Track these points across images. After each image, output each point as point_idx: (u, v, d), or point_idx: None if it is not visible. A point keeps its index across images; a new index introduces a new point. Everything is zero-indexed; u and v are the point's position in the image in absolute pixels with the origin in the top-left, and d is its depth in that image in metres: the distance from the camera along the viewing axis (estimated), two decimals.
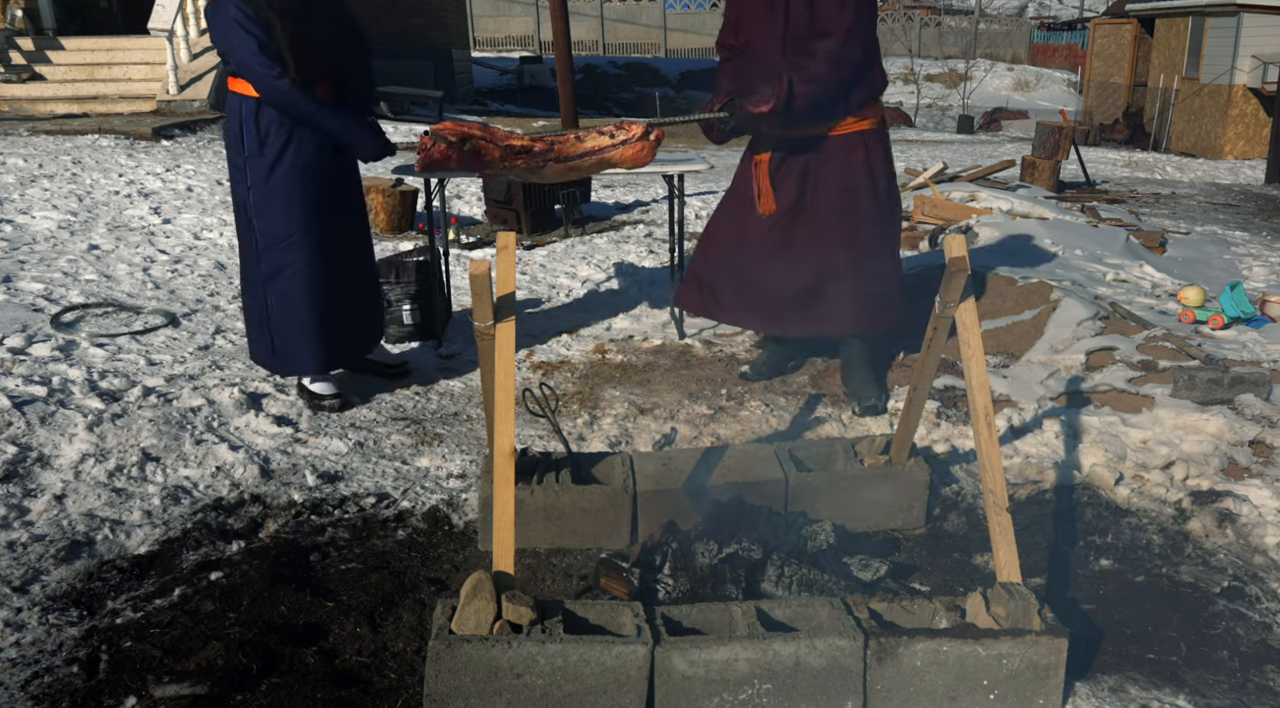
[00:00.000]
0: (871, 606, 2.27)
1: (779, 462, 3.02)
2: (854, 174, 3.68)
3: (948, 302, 2.45)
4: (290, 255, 3.58)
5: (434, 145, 2.86)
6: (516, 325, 2.33)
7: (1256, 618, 2.56)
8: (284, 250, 3.57)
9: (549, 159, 2.97)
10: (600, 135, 3.02)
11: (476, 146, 2.89)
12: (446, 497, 3.17)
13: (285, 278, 3.59)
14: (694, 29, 31.31)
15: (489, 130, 2.96)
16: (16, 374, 3.76)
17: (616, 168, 3.10)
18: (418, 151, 2.92)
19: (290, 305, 3.62)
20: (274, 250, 3.57)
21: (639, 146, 3.05)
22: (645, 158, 3.09)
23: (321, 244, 3.60)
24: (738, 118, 3.52)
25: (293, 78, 3.39)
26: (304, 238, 3.57)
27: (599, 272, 6.14)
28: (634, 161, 3.08)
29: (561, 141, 2.97)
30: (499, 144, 2.91)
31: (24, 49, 11.79)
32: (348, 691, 2.21)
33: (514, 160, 2.93)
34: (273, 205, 3.54)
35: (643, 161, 3.10)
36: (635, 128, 3.05)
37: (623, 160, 3.06)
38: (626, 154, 3.04)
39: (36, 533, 2.80)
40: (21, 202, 6.74)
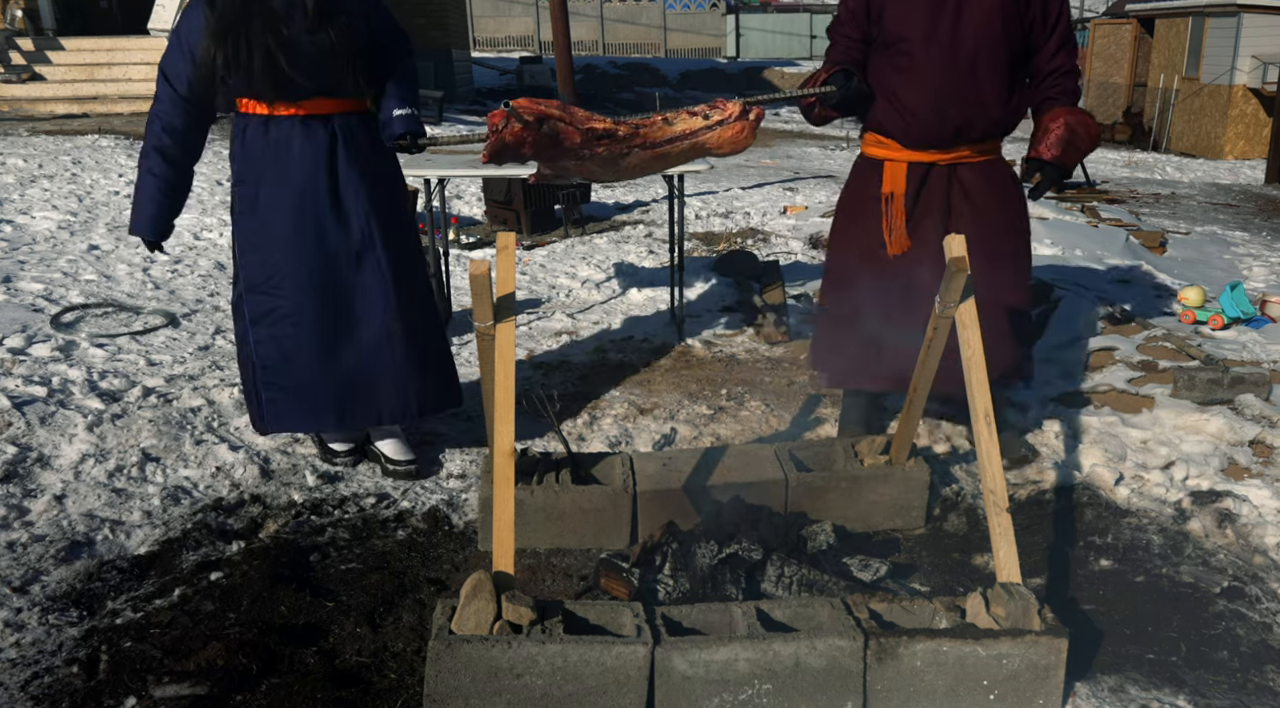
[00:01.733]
0: (871, 606, 2.27)
1: (779, 462, 3.02)
2: (1003, 205, 3.18)
3: (948, 302, 2.45)
4: (274, 301, 3.05)
5: (507, 125, 2.40)
6: (516, 325, 2.33)
7: (1256, 618, 2.56)
8: (268, 294, 3.05)
9: (634, 145, 2.57)
10: (691, 116, 2.64)
11: (555, 129, 2.45)
12: (446, 497, 3.17)
13: (268, 325, 3.06)
14: (694, 29, 31.30)
15: (568, 110, 2.52)
16: (16, 374, 3.76)
17: (711, 154, 2.73)
18: (488, 134, 2.45)
19: (279, 354, 3.09)
20: (257, 293, 3.07)
21: (739, 127, 2.65)
22: (745, 140, 2.68)
23: (316, 288, 3.03)
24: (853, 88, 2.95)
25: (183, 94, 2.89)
26: (298, 278, 3.02)
27: (599, 272, 6.14)
28: (733, 145, 2.67)
29: (648, 125, 2.58)
30: (579, 127, 2.48)
31: (24, 49, 11.78)
32: (348, 691, 2.21)
33: (595, 147, 2.52)
34: (257, 241, 3.04)
35: (742, 145, 2.68)
36: (731, 106, 2.65)
37: (720, 144, 2.66)
38: (725, 136, 2.64)
39: (36, 533, 2.80)
40: (21, 202, 6.74)
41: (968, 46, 2.98)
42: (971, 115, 3.03)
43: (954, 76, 2.99)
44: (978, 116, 3.04)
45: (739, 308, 5.38)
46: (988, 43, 2.98)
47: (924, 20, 3.00)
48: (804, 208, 8.86)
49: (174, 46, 2.89)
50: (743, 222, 8.27)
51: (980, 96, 3.01)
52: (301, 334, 3.05)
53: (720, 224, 8.14)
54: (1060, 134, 2.99)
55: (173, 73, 2.89)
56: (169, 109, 2.92)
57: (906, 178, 3.14)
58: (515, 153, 2.47)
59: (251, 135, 2.96)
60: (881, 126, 3.14)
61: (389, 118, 3.03)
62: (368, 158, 3.07)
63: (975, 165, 3.14)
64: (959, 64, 2.99)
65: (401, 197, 3.24)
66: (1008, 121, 3.11)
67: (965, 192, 3.14)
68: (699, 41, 31.16)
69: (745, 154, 13.95)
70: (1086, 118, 3.03)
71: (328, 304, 3.05)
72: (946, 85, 3.00)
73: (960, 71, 2.99)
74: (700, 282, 5.80)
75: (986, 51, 2.98)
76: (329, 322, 3.06)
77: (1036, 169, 3.07)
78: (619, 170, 2.65)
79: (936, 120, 3.04)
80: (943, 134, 3.06)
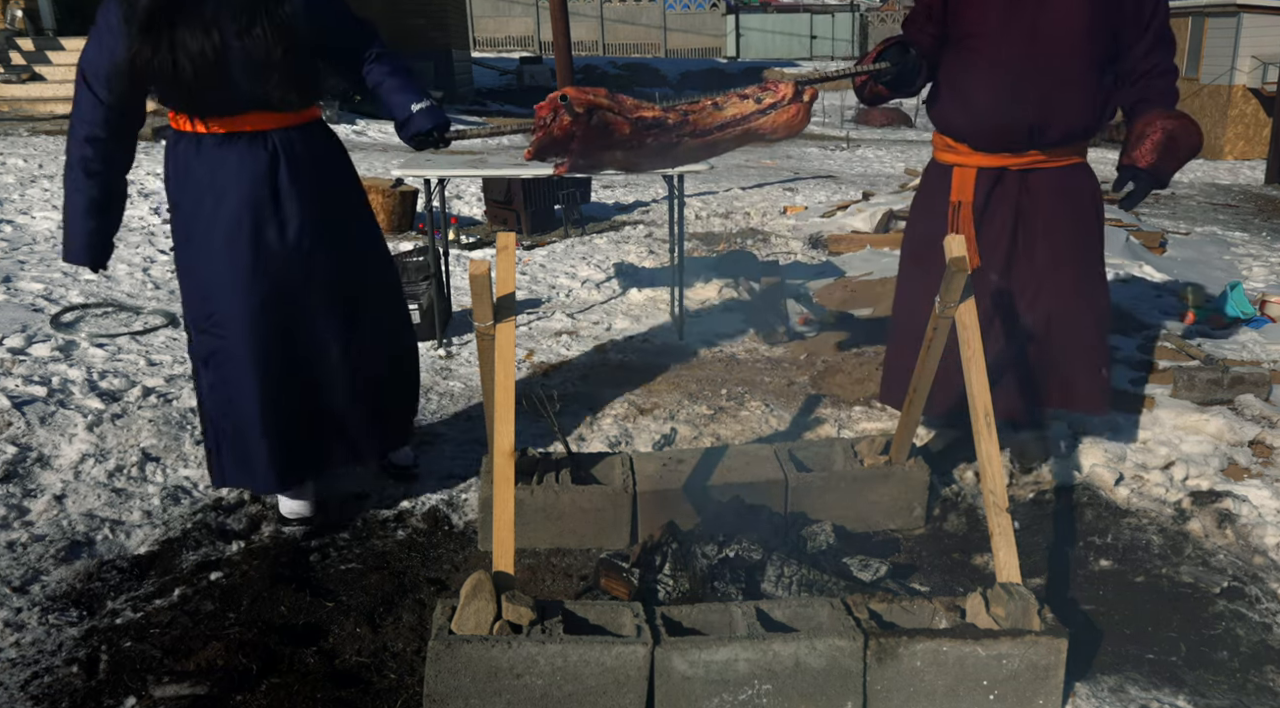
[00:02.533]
0: (871, 606, 2.27)
1: (779, 462, 3.02)
2: (1079, 216, 2.94)
3: (948, 302, 2.45)
4: (216, 342, 2.69)
5: (555, 118, 2.26)
6: (516, 325, 2.33)
7: (1256, 618, 2.56)
8: (212, 331, 2.70)
9: (684, 134, 2.42)
10: (742, 99, 2.47)
11: (604, 120, 2.31)
12: (446, 497, 3.17)
13: (215, 367, 2.72)
14: (694, 29, 31.31)
15: (617, 99, 2.35)
16: (16, 374, 3.76)
17: (764, 139, 2.55)
18: (534, 128, 2.30)
19: (225, 400, 2.75)
20: (200, 333, 2.73)
21: (793, 111, 2.48)
22: (799, 124, 2.51)
23: (261, 328, 2.67)
24: (910, 62, 2.74)
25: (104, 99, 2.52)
26: (240, 315, 2.65)
27: (599, 272, 6.14)
28: (787, 129, 2.51)
29: (696, 111, 2.44)
30: (629, 117, 2.34)
31: (24, 49, 11.78)
32: (348, 691, 2.21)
33: (644, 137, 2.37)
34: (194, 276, 2.70)
35: (796, 129, 2.52)
36: (784, 88, 2.48)
37: (774, 128, 2.50)
38: (779, 121, 2.49)
39: (36, 533, 2.80)
40: (21, 202, 6.74)
41: (1047, 39, 2.74)
42: (1048, 115, 2.80)
43: (1030, 72, 2.76)
44: (1055, 117, 2.81)
45: (739, 308, 5.38)
46: (1071, 36, 2.74)
47: (1001, 9, 2.78)
48: (804, 208, 8.86)
49: (93, 42, 2.51)
50: (743, 222, 8.27)
51: (1059, 95, 2.78)
52: (247, 379, 2.69)
53: (720, 224, 8.14)
54: (1158, 139, 2.73)
55: (92, 73, 2.52)
56: (89, 115, 2.55)
57: (975, 185, 2.91)
58: (562, 148, 2.32)
59: (183, 155, 2.63)
60: (949, 126, 2.96)
61: (407, 114, 2.74)
62: (314, 177, 2.71)
63: (1052, 171, 2.89)
64: (1036, 58, 2.75)
65: (361, 213, 2.91)
66: (1090, 124, 2.85)
67: (1038, 199, 2.90)
68: (699, 41, 31.16)
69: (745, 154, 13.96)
70: (1187, 122, 2.75)
71: (274, 346, 2.69)
72: (1021, 81, 2.77)
73: (1038, 66, 2.76)
74: (700, 282, 5.80)
75: (1069, 46, 2.75)
76: (277, 365, 2.70)
77: (1129, 177, 2.82)
78: (666, 160, 2.53)
79: (1008, 119, 2.82)
80: (1015, 135, 2.84)
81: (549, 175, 5.29)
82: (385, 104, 2.78)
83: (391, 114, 2.78)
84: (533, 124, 2.31)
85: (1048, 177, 2.89)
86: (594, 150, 2.35)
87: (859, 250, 6.98)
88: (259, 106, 2.57)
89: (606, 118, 2.30)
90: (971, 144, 2.91)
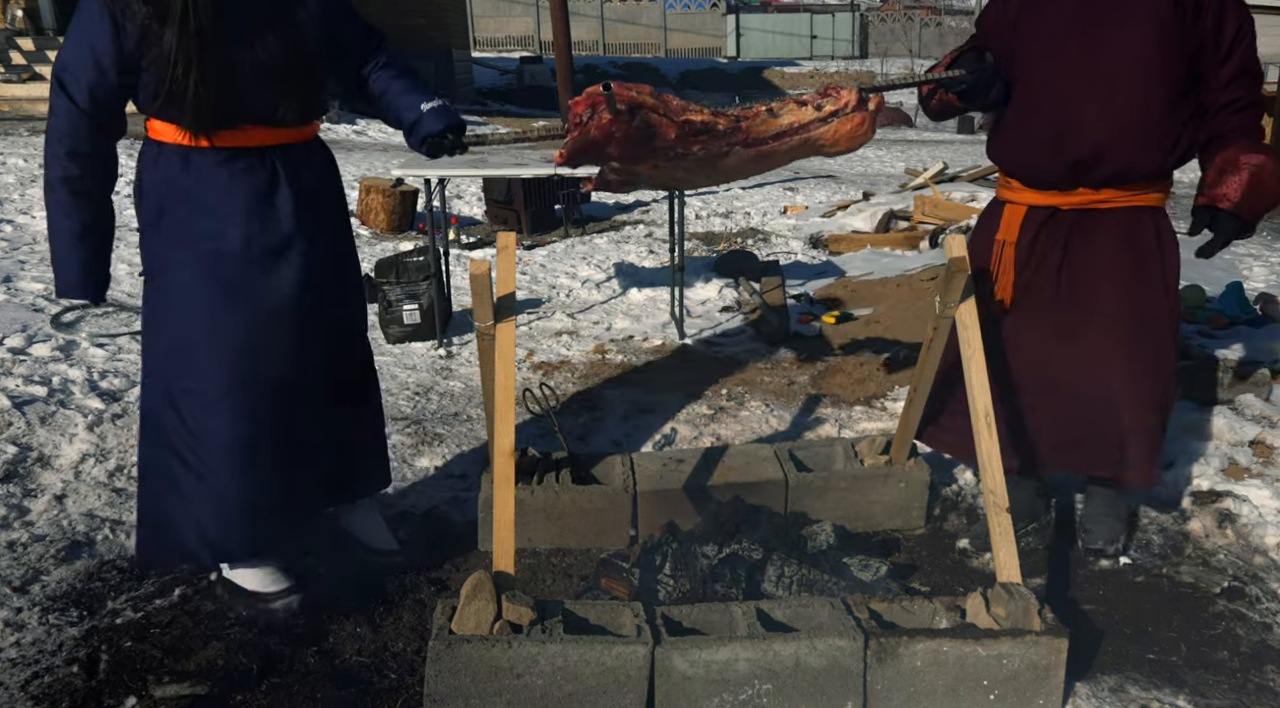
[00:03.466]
0: (871, 606, 2.27)
1: (779, 462, 3.02)
2: (1139, 266, 2.63)
3: (948, 302, 2.45)
4: (181, 389, 2.35)
5: (593, 116, 2.00)
6: (516, 325, 2.33)
7: (1256, 618, 2.56)
8: (171, 381, 2.36)
9: (735, 143, 2.18)
10: (800, 107, 2.23)
11: (648, 121, 2.05)
12: (447, 496, 3.17)
13: (170, 421, 2.37)
14: (694, 29, 31.32)
15: (663, 99, 2.09)
16: (16, 374, 3.76)
17: (823, 151, 2.32)
18: (568, 127, 2.05)
19: (190, 459, 2.37)
20: (156, 378, 2.40)
21: (857, 120, 2.25)
22: (863, 135, 2.28)
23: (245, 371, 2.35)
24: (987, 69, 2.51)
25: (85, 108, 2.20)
26: (210, 359, 2.33)
27: (599, 272, 6.14)
28: (850, 141, 2.28)
29: (750, 117, 2.18)
30: (675, 119, 2.08)
31: (24, 49, 11.78)
32: (348, 691, 2.21)
33: (691, 144, 2.12)
34: (165, 316, 2.36)
35: (860, 141, 2.29)
36: (847, 94, 2.24)
37: (835, 140, 2.27)
38: (842, 131, 2.25)
39: (37, 533, 2.80)
40: (22, 202, 6.74)
41: (1106, 67, 2.47)
42: (1100, 151, 2.50)
43: (1082, 102, 2.50)
44: (1108, 153, 2.50)
45: (739, 308, 5.38)
46: (1134, 64, 2.45)
47: (1058, 32, 2.53)
48: (804, 208, 8.87)
49: (72, 44, 2.20)
50: (743, 221, 8.28)
51: (1116, 129, 2.48)
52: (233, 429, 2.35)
53: (720, 224, 8.14)
54: (1244, 180, 2.43)
55: (71, 78, 2.19)
56: (71, 127, 2.22)
57: (1022, 224, 2.67)
58: (598, 152, 2.06)
59: (165, 169, 2.30)
60: (997, 158, 2.74)
61: (416, 116, 2.46)
62: (314, 202, 2.44)
63: (1111, 213, 2.60)
64: (1093, 88, 2.48)
65: (350, 242, 2.65)
66: (1153, 162, 2.53)
67: (1091, 243, 2.62)
68: (699, 41, 31.17)
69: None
70: (1275, 159, 2.45)
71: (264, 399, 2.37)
72: (1070, 112, 2.51)
73: (1093, 97, 2.48)
74: (700, 282, 5.80)
75: (1131, 75, 2.46)
76: (266, 419, 2.38)
77: (1208, 220, 2.51)
78: (713, 173, 2.27)
79: (1051, 154, 2.56)
80: (1057, 171, 2.58)
81: (549, 175, 5.29)
82: (392, 108, 2.51)
83: (399, 118, 2.51)
84: (566, 124, 2.07)
85: (1105, 219, 2.60)
86: (633, 157, 2.10)
87: (859, 250, 6.98)
88: (261, 121, 2.31)
89: (650, 118, 2.04)
90: (1021, 180, 2.69)
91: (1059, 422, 2.70)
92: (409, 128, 2.50)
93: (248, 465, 2.37)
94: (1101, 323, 2.61)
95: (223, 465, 2.36)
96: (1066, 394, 2.67)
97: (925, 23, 31.45)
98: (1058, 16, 2.53)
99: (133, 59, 2.18)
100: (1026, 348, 2.71)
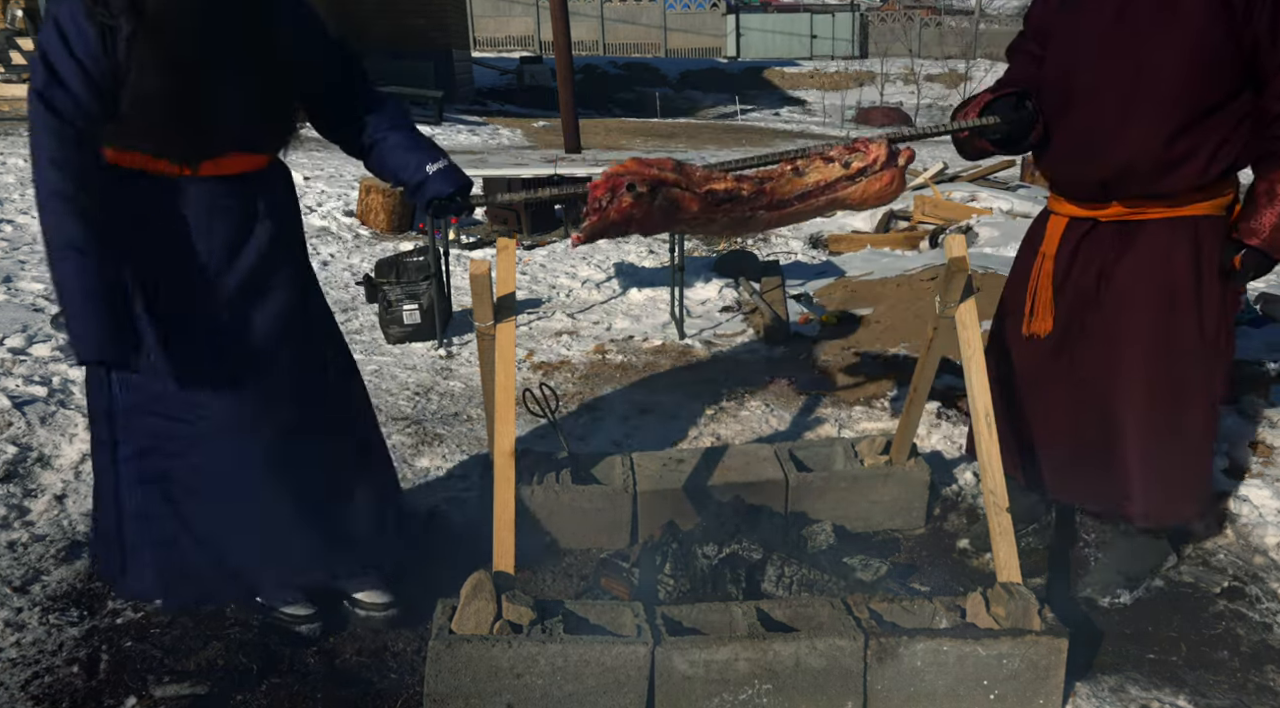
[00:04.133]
0: (872, 606, 2.27)
1: (779, 462, 3.02)
2: (1174, 282, 2.41)
3: (948, 302, 2.45)
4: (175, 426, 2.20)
5: (613, 200, 1.97)
6: (516, 325, 2.32)
7: (1256, 618, 2.56)
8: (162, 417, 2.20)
9: (759, 207, 2.14)
10: (827, 163, 2.16)
11: (671, 197, 2.02)
12: (447, 497, 3.17)
13: (170, 457, 2.22)
14: (694, 29, 31.33)
15: (684, 172, 2.05)
16: (17, 374, 3.76)
17: (850, 208, 2.25)
18: (587, 211, 2.01)
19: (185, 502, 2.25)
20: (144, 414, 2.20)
21: (886, 178, 2.18)
22: (893, 193, 2.20)
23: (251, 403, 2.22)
24: (1025, 117, 2.39)
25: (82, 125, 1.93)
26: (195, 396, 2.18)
27: (599, 272, 6.14)
28: (878, 199, 2.21)
29: (774, 178, 2.15)
30: (697, 191, 2.05)
31: (24, 49, 11.79)
32: (348, 691, 2.21)
33: (714, 212, 2.09)
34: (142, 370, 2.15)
35: (888, 199, 2.21)
36: (876, 149, 2.16)
37: (864, 199, 2.20)
38: (870, 190, 2.18)
39: (37, 533, 2.80)
40: (22, 202, 6.74)
41: (1141, 71, 2.27)
42: (1132, 162, 2.32)
43: (1113, 110, 2.32)
44: (1140, 166, 2.32)
45: (739, 308, 5.38)
46: (1175, 69, 2.23)
47: (1095, 32, 2.34)
48: None
49: (59, 59, 1.92)
50: None
51: (1150, 139, 2.28)
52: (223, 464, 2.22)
53: None
54: (1276, 212, 2.26)
55: (64, 98, 1.92)
56: (65, 149, 1.92)
57: (1062, 237, 2.52)
58: (619, 231, 2.03)
59: (131, 198, 2.06)
60: (1043, 168, 2.59)
61: (421, 177, 2.30)
62: (292, 231, 2.32)
63: (1150, 225, 2.40)
64: (1128, 94, 2.29)
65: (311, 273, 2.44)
66: (1193, 173, 2.31)
67: (1125, 258, 2.44)
68: (699, 41, 31.18)
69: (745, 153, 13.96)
70: None
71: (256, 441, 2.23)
72: (1100, 120, 2.34)
73: (1126, 104, 2.30)
74: (700, 282, 5.80)
75: (1171, 80, 2.24)
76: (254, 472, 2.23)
77: (1234, 253, 2.34)
78: (745, 230, 2.23)
79: (1079, 167, 2.42)
80: (1085, 184, 2.44)
81: (549, 175, 5.30)
82: (387, 163, 2.34)
83: (397, 176, 2.34)
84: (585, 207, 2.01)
85: (1143, 231, 2.41)
86: (654, 231, 2.11)
87: (859, 250, 6.99)
88: (239, 148, 2.14)
89: (672, 194, 2.01)
90: (1058, 191, 2.56)
91: (1078, 453, 2.58)
92: (411, 188, 2.34)
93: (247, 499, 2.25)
94: (1138, 346, 2.44)
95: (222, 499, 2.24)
96: (1089, 425, 2.55)
97: (925, 23, 31.44)
98: (1096, 18, 2.34)
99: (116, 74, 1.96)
100: (1053, 376, 2.58)
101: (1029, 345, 2.63)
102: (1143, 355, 2.44)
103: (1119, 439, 2.50)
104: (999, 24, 31.50)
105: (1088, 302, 2.50)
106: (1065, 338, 2.56)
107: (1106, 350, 2.49)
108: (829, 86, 27.42)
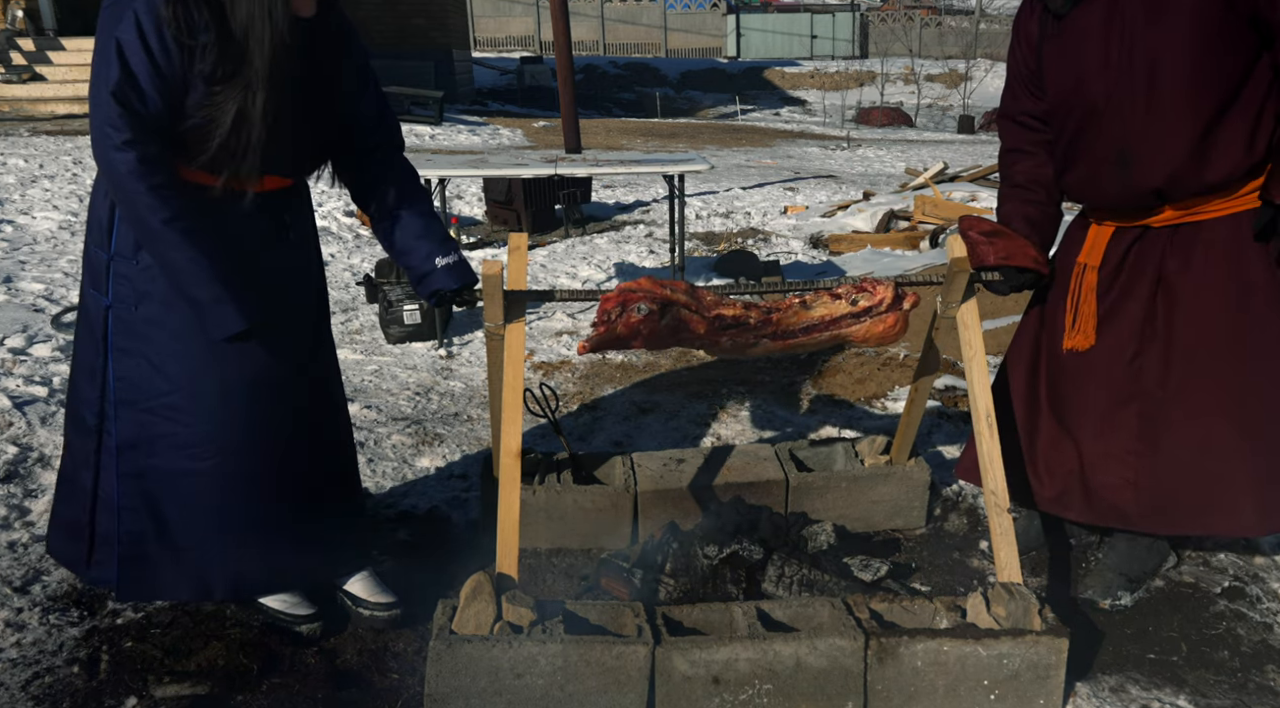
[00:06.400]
0: (872, 606, 2.27)
1: (779, 462, 3.02)
2: (1246, 280, 2.27)
3: (949, 302, 2.45)
4: (167, 425, 2.19)
5: (622, 314, 2.06)
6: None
7: (1257, 618, 2.56)
8: (156, 414, 2.19)
9: (764, 335, 2.22)
10: (834, 299, 2.22)
11: (679, 318, 2.11)
12: (447, 497, 3.17)
13: (153, 456, 2.21)
14: (694, 29, 31.35)
15: (695, 295, 2.13)
16: (17, 374, 3.76)
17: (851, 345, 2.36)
18: (595, 323, 2.11)
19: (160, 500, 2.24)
20: (137, 410, 2.20)
21: (890, 320, 2.24)
22: (895, 335, 2.26)
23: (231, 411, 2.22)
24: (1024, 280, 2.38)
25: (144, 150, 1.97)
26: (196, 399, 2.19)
27: (599, 272, 6.14)
28: (880, 340, 2.28)
29: (782, 309, 2.22)
30: (706, 315, 2.13)
31: (25, 49, 11.80)
32: (348, 691, 2.21)
33: (718, 336, 2.18)
34: (146, 343, 2.17)
35: (890, 340, 2.27)
36: (882, 290, 2.21)
37: (865, 338, 2.27)
38: (874, 331, 2.24)
39: (37, 533, 2.80)
40: (22, 202, 6.74)
41: (1150, 64, 2.18)
42: (1174, 168, 2.22)
43: (1135, 112, 2.22)
44: (1185, 169, 2.21)
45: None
46: (1185, 65, 2.15)
47: (1091, 43, 2.26)
48: (804, 208, 8.87)
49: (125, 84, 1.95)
50: (743, 221, 8.28)
51: (1184, 142, 2.19)
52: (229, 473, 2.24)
53: (720, 224, 8.15)
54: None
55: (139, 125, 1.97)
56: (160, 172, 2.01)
57: (1108, 246, 2.38)
58: (623, 344, 2.10)
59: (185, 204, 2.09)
60: (1076, 198, 2.45)
61: (429, 269, 2.33)
62: (314, 247, 2.41)
63: (1211, 223, 2.27)
64: (1151, 99, 2.19)
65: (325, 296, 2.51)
66: (1238, 153, 2.19)
67: (1187, 262, 2.29)
68: (699, 41, 31.20)
69: (745, 153, 13.97)
70: None
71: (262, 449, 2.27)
72: (1128, 131, 2.24)
73: (1151, 109, 2.20)
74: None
75: (1184, 78, 2.15)
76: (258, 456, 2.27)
77: (1272, 215, 2.20)
78: (743, 354, 2.29)
79: (1120, 180, 2.29)
80: (1135, 196, 2.30)
81: (550, 175, 5.30)
82: (400, 246, 2.36)
83: (405, 261, 2.36)
84: (594, 318, 2.09)
85: (1205, 230, 2.28)
86: (658, 347, 2.16)
87: (859, 250, 6.99)
88: (278, 171, 2.20)
89: (681, 314, 2.07)
90: (1103, 215, 2.43)
91: (1145, 476, 2.41)
92: (418, 277, 2.36)
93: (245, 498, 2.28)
94: (1203, 354, 2.30)
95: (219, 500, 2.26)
96: (1158, 444, 2.38)
97: (925, 23, 31.45)
98: (1086, 30, 2.25)
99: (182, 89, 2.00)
100: (1106, 388, 2.43)
101: (1074, 362, 2.47)
102: (1227, 359, 2.29)
103: (1213, 452, 2.33)
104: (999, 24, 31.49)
105: (1148, 313, 2.36)
106: (1127, 352, 2.39)
107: (1184, 361, 2.33)
108: (829, 87, 27.44)
